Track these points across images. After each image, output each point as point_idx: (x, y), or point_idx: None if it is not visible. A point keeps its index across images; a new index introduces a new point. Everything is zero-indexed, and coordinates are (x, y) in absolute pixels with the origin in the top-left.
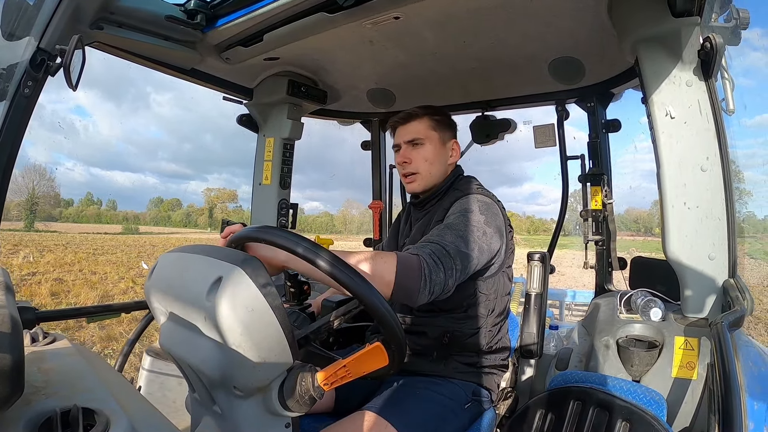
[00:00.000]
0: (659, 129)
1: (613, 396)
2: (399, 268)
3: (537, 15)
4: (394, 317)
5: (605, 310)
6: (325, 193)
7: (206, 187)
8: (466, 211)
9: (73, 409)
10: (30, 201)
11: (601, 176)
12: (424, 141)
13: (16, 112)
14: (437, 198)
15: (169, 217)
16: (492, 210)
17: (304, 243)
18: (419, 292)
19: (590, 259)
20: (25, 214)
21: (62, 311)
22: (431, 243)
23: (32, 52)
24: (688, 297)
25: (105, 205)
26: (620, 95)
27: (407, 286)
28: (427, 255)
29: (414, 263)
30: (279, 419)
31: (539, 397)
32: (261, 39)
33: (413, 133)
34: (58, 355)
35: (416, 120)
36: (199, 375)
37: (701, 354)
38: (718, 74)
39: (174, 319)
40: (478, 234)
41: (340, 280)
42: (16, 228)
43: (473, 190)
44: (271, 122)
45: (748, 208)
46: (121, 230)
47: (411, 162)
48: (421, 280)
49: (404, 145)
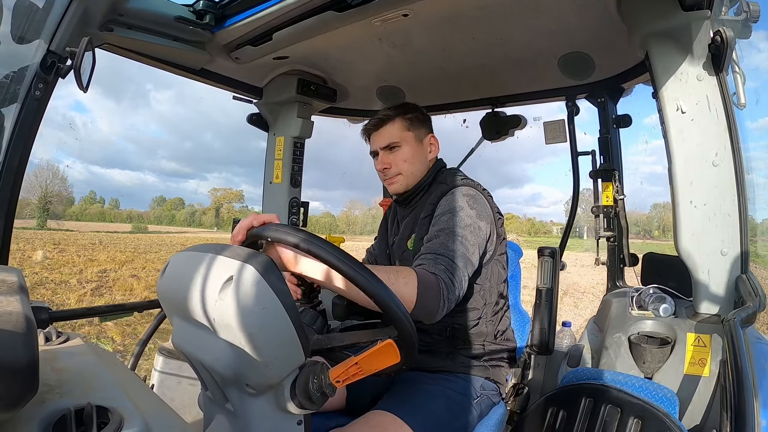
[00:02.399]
0: (670, 124)
1: (626, 393)
2: (420, 289)
3: (546, 10)
4: (406, 314)
5: (617, 306)
6: (325, 192)
7: (212, 186)
8: (458, 209)
9: (86, 407)
10: (43, 200)
11: (612, 172)
12: (400, 143)
13: (28, 114)
14: (421, 193)
15: (173, 216)
16: (480, 202)
17: (319, 242)
18: (437, 313)
19: (602, 256)
20: (37, 213)
21: (75, 311)
22: (440, 256)
23: (42, 55)
24: (700, 293)
25: (107, 203)
26: (630, 90)
27: (428, 307)
28: (443, 273)
29: (433, 284)
30: (291, 416)
31: (551, 394)
32: (270, 38)
33: (388, 138)
34: (72, 354)
35: (389, 123)
36: (211, 373)
37: (713, 351)
38: (729, 68)
39: (186, 317)
40: (473, 230)
41: (349, 276)
42: (28, 226)
43: (458, 182)
44: (281, 121)
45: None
46: (130, 229)
47: (392, 166)
48: (440, 301)
49: (381, 151)
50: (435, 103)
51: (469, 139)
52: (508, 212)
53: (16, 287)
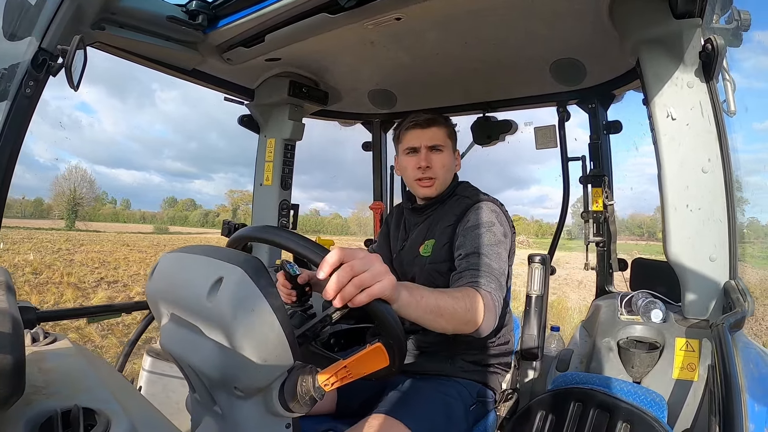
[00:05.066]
0: (660, 131)
1: (614, 397)
2: (486, 314)
3: (538, 16)
4: (394, 317)
5: (606, 311)
6: (330, 194)
7: (217, 187)
8: (489, 224)
9: (73, 409)
10: (72, 201)
11: (602, 177)
12: (443, 148)
13: (18, 111)
14: (439, 203)
15: (185, 217)
16: (501, 218)
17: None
18: (491, 329)
19: (591, 261)
20: (66, 214)
21: (63, 311)
22: (488, 275)
23: (34, 52)
24: (688, 298)
25: (119, 204)
26: (621, 97)
27: (490, 326)
28: (496, 292)
29: (491, 305)
30: (280, 420)
31: (540, 398)
32: (262, 40)
33: (435, 139)
34: (59, 356)
35: (438, 126)
36: (199, 375)
37: (702, 355)
38: (719, 76)
39: (175, 319)
40: (504, 246)
41: None
42: (57, 227)
43: (481, 198)
44: (273, 123)
45: (750, 214)
46: (152, 230)
47: (432, 167)
48: (496, 319)
49: (425, 149)
50: (426, 107)
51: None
52: (516, 214)
53: (2, 286)
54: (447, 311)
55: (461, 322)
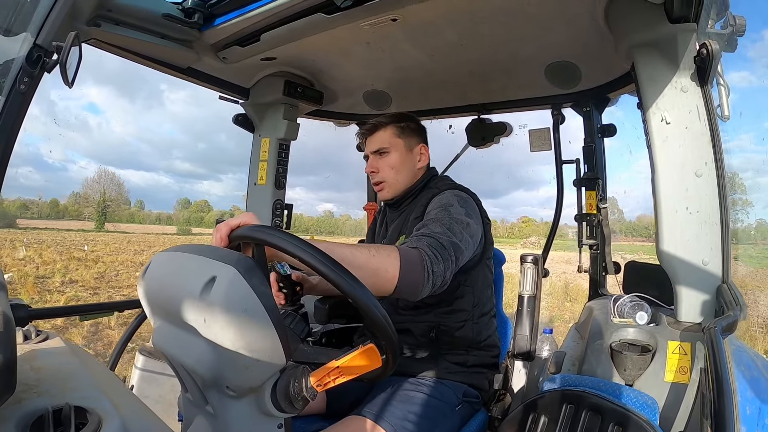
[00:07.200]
0: (654, 134)
1: (606, 400)
2: (402, 262)
3: (534, 19)
4: (387, 319)
5: (599, 314)
6: (339, 194)
7: (224, 188)
8: (447, 205)
9: (65, 407)
10: (102, 203)
11: (595, 180)
12: (389, 149)
13: (12, 108)
14: (411, 197)
15: (201, 218)
16: (469, 203)
17: (297, 242)
18: (423, 286)
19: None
20: (96, 215)
21: (55, 309)
22: (425, 236)
23: (28, 49)
24: (681, 302)
25: (133, 205)
26: (616, 100)
27: (412, 281)
28: (426, 247)
29: (416, 257)
30: (271, 420)
31: (532, 400)
32: (258, 39)
33: (378, 143)
34: (51, 354)
35: (381, 129)
36: (191, 375)
37: (695, 359)
38: (714, 80)
39: (167, 318)
40: (462, 226)
41: (332, 280)
42: (87, 228)
43: (449, 186)
44: (267, 122)
45: (758, 216)
46: (176, 231)
47: (378, 171)
48: (424, 274)
49: (371, 155)
50: (421, 108)
51: (455, 145)
52: (525, 215)
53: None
54: (355, 263)
55: (368, 274)
